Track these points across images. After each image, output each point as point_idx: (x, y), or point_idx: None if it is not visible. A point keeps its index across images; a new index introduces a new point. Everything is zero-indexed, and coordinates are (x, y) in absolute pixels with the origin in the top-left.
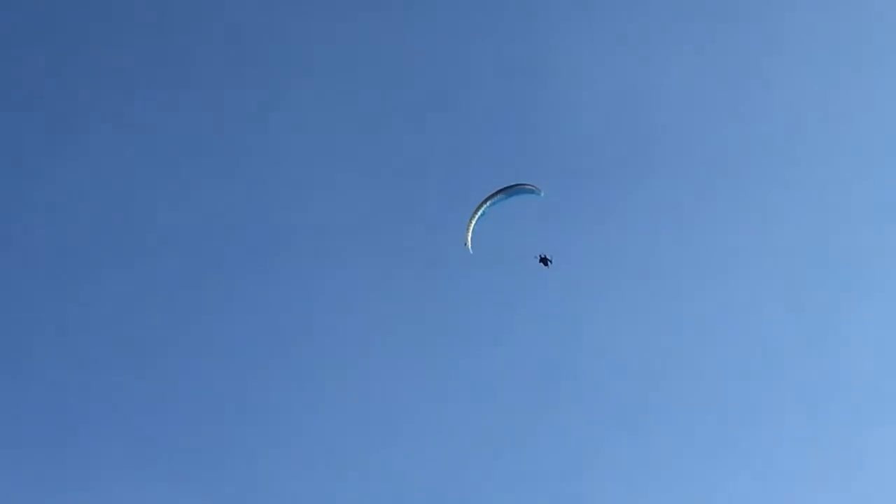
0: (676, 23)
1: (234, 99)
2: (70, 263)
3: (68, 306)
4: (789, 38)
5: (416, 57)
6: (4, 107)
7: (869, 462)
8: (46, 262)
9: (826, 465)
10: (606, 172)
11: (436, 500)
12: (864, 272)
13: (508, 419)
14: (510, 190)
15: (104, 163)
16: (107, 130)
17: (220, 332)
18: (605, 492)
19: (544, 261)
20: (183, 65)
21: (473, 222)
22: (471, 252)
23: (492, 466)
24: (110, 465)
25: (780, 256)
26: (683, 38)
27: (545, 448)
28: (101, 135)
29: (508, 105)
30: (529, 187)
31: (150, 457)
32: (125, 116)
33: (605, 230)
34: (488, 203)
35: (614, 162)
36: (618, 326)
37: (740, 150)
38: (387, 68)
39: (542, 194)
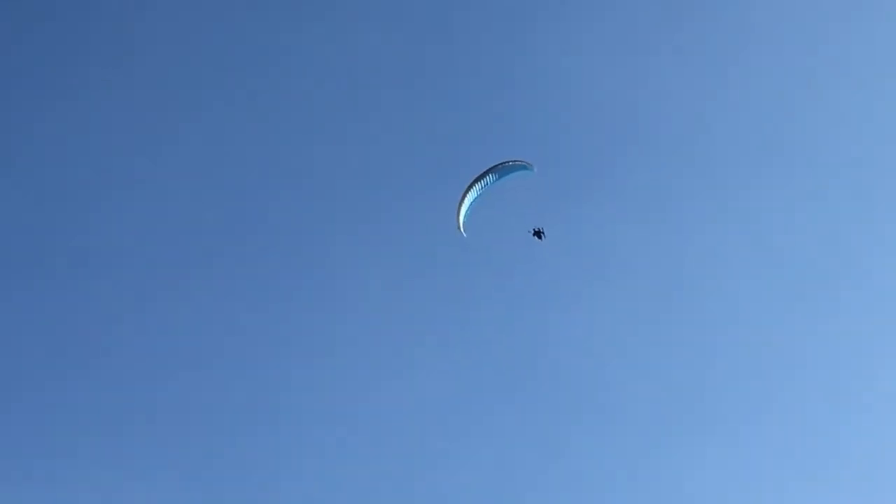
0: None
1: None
2: (69, 260)
3: (65, 304)
4: (776, 33)
5: (404, 53)
6: None
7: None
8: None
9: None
10: (589, 167)
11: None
12: (853, 270)
13: (493, 415)
14: (501, 168)
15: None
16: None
17: (200, 327)
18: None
19: (538, 234)
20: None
21: (465, 207)
22: (464, 235)
23: (482, 463)
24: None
25: (765, 252)
26: (675, 30)
27: (532, 443)
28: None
29: (495, 97)
30: (520, 163)
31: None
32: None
33: (590, 224)
34: (480, 185)
35: (597, 156)
36: (603, 324)
37: (732, 145)
38: (374, 65)
39: (535, 170)
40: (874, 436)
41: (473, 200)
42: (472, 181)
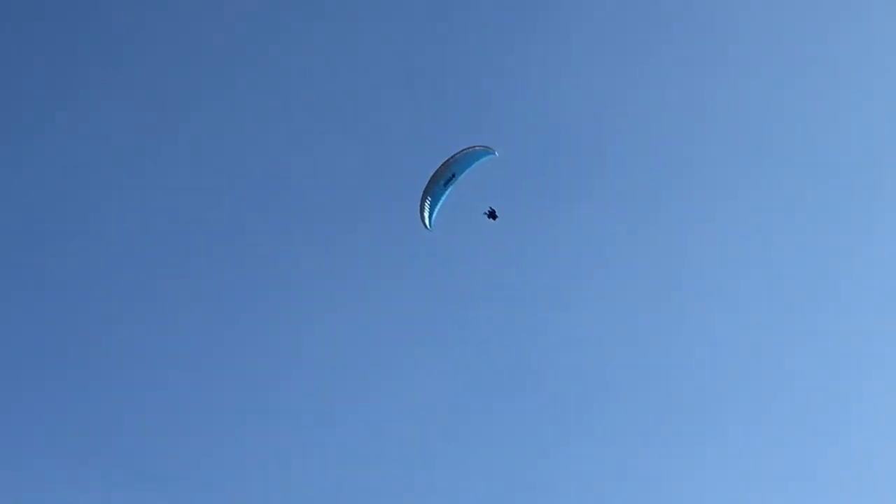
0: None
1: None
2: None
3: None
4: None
5: (399, 54)
6: None
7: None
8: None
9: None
10: (585, 166)
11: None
12: (851, 269)
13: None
14: (464, 156)
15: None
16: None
17: (195, 327)
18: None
19: (492, 215)
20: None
21: (429, 201)
22: (430, 230)
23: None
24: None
25: (762, 253)
26: (668, 31)
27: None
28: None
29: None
30: (481, 149)
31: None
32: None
33: (586, 225)
34: (445, 180)
35: (593, 156)
36: (600, 324)
37: (727, 144)
38: (367, 66)
39: (497, 153)
40: (872, 436)
41: (443, 195)
42: (434, 173)
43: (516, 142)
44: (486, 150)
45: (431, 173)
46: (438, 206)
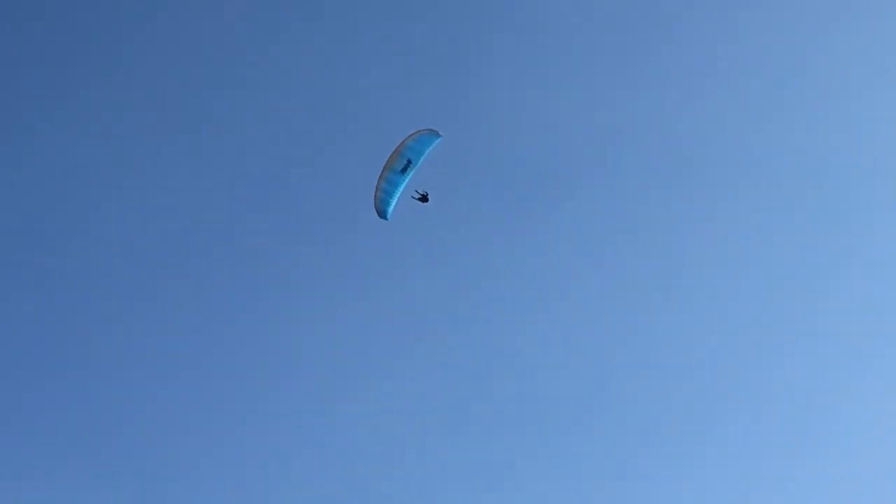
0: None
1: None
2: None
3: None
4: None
5: (392, 54)
6: None
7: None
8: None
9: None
10: (580, 168)
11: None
12: (848, 269)
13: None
14: (415, 142)
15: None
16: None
17: (190, 329)
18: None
19: (423, 198)
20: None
21: (385, 192)
22: (388, 220)
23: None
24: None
25: (758, 255)
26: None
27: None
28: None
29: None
30: (427, 132)
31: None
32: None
33: (582, 224)
34: (401, 167)
35: (588, 157)
36: (597, 324)
37: (723, 146)
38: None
39: (443, 135)
40: (872, 436)
41: (402, 183)
42: (387, 162)
43: (515, 141)
44: (434, 134)
45: (383, 163)
46: (398, 196)
